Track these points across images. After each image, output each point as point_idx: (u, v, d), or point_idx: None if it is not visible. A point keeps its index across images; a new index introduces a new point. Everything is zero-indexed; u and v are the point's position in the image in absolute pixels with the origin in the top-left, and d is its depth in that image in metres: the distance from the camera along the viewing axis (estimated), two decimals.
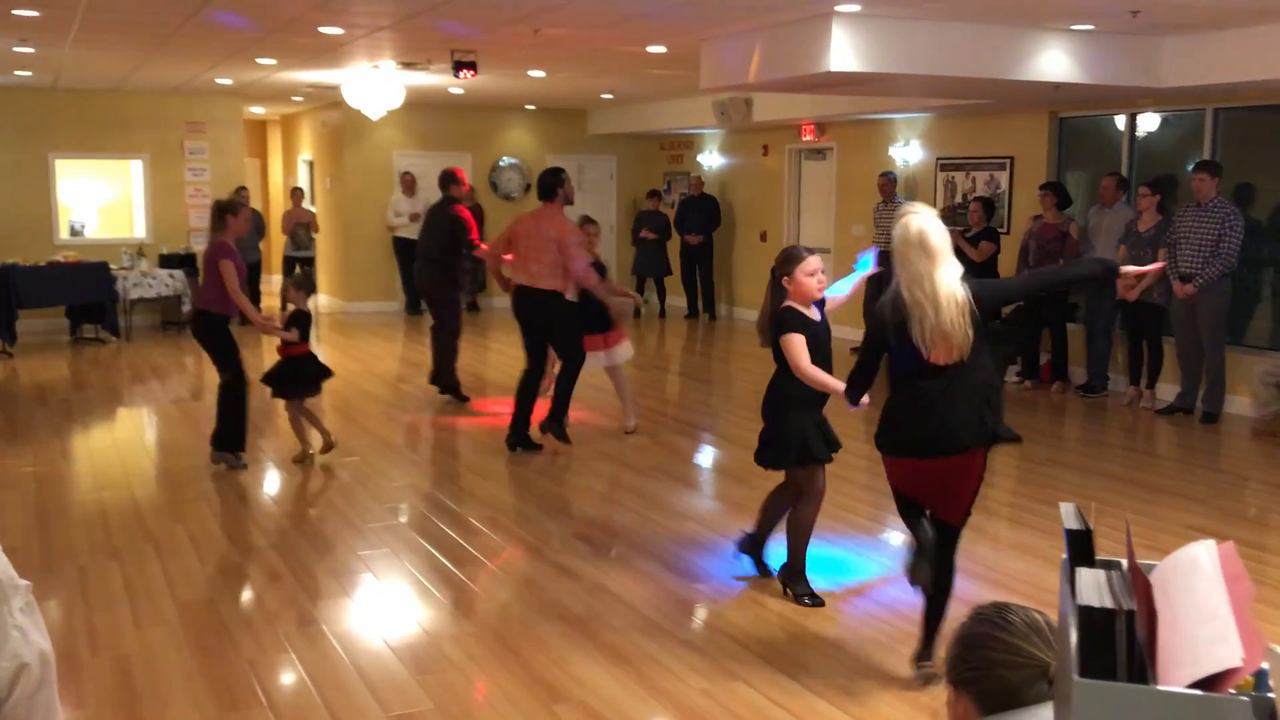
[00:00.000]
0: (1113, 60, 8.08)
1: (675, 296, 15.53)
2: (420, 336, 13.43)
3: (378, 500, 6.55)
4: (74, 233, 14.28)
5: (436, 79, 11.55)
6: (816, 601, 4.89)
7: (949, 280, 3.80)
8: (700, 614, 4.90)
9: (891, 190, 11.93)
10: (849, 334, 9.53)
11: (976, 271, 10.38)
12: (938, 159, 11.89)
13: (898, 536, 5.78)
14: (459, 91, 13.30)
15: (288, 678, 4.17)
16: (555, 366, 7.69)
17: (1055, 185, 10.06)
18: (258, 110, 17.30)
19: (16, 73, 11.89)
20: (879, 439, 4.07)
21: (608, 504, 6.50)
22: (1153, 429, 8.76)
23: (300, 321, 7.23)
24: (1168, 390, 9.21)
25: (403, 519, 6.23)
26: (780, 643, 4.51)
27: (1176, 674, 0.87)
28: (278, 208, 17.84)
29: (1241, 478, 7.37)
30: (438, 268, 9.13)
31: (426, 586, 5.15)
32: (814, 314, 4.79)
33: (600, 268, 7.90)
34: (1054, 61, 7.92)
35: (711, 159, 15.53)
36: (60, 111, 13.74)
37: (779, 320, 4.71)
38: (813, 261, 4.75)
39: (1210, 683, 0.90)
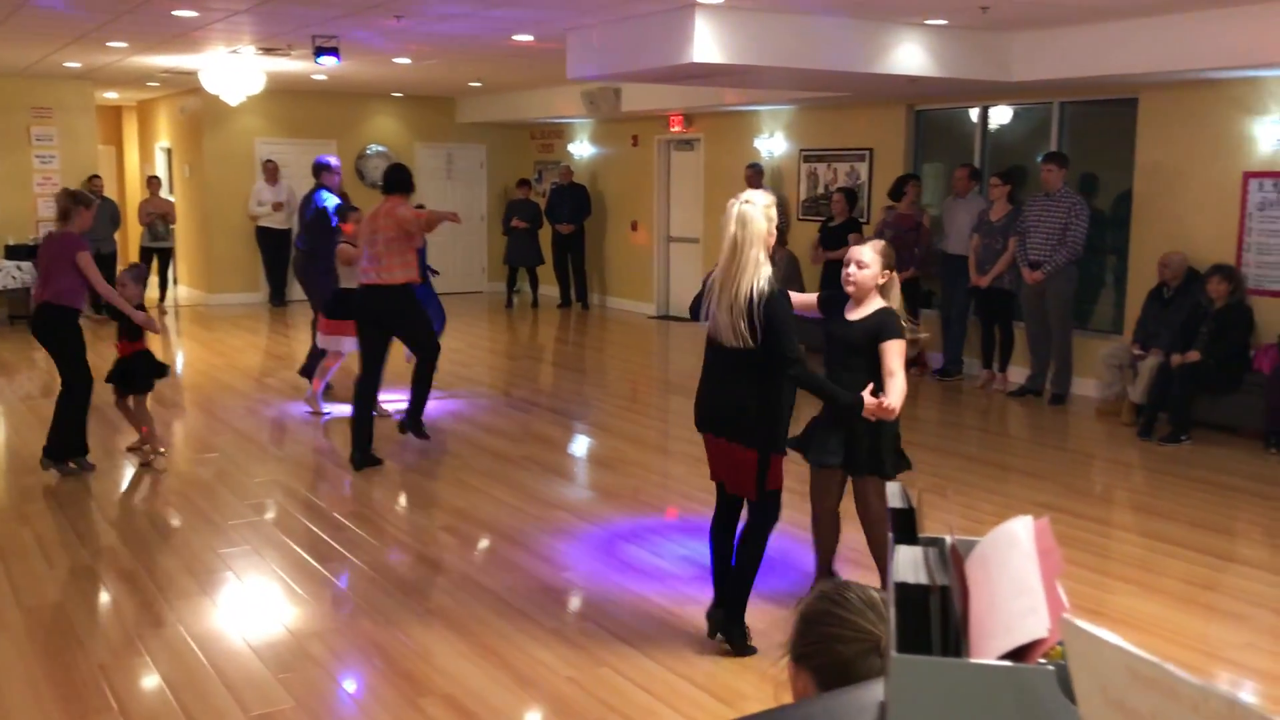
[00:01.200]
0: (965, 55, 8.36)
1: (548, 286, 15.51)
2: (284, 329, 13.13)
3: (239, 497, 6.40)
4: None
5: (299, 65, 11.29)
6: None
7: (746, 272, 3.98)
8: (569, 603, 4.92)
9: (758, 181, 12.11)
10: None
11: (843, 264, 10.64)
12: (801, 150, 12.13)
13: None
14: (323, 78, 13.01)
15: (141, 681, 4.06)
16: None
17: (909, 177, 10.35)
18: (111, 95, 16.64)
19: None
20: None
21: (475, 495, 6.46)
22: (1005, 410, 9.11)
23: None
24: (1019, 373, 9.59)
25: (265, 515, 6.09)
26: (649, 630, 4.57)
27: (989, 646, 0.92)
28: (134, 197, 17.20)
29: (1087, 456, 7.73)
30: (309, 257, 8.97)
31: (289, 583, 5.05)
32: (849, 311, 4.55)
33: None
34: (910, 55, 8.15)
35: (582, 148, 15.54)
36: None
37: None
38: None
39: (1021, 653, 0.95)
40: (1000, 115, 10.35)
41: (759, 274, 4.00)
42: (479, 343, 12.41)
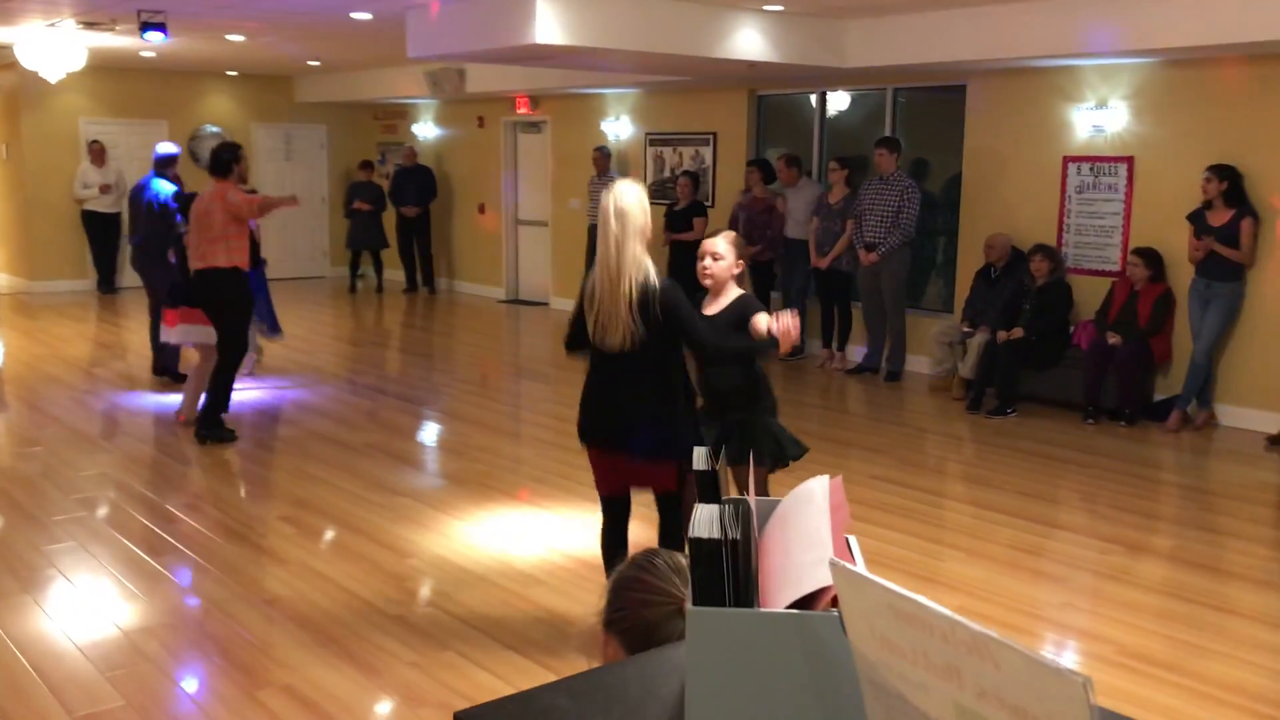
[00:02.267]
0: (802, 41, 8.54)
1: (392, 270, 15.25)
2: (114, 317, 12.58)
3: (64, 492, 6.12)
4: None
5: (125, 41, 10.79)
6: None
7: (629, 270, 3.82)
8: (412, 590, 4.87)
9: (606, 164, 12.16)
10: None
11: (690, 246, 10.75)
12: (647, 134, 12.22)
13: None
14: (151, 55, 12.47)
15: None
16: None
17: (761, 161, 10.55)
18: None
19: None
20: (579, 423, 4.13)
21: (316, 484, 6.33)
22: (844, 387, 9.39)
23: None
24: (857, 352, 9.89)
25: (93, 510, 5.84)
26: (496, 614, 4.56)
27: (781, 597, 0.95)
28: None
29: (920, 430, 8.03)
30: (145, 250, 8.73)
31: (119, 579, 4.86)
32: (708, 307, 4.44)
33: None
34: (748, 40, 8.29)
35: (426, 129, 15.30)
36: None
37: None
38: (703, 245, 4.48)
39: (810, 602, 0.99)
40: (838, 101, 10.62)
41: (643, 269, 3.86)
42: (321, 329, 12.12)
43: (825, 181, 10.08)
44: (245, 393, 8.28)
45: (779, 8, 8.09)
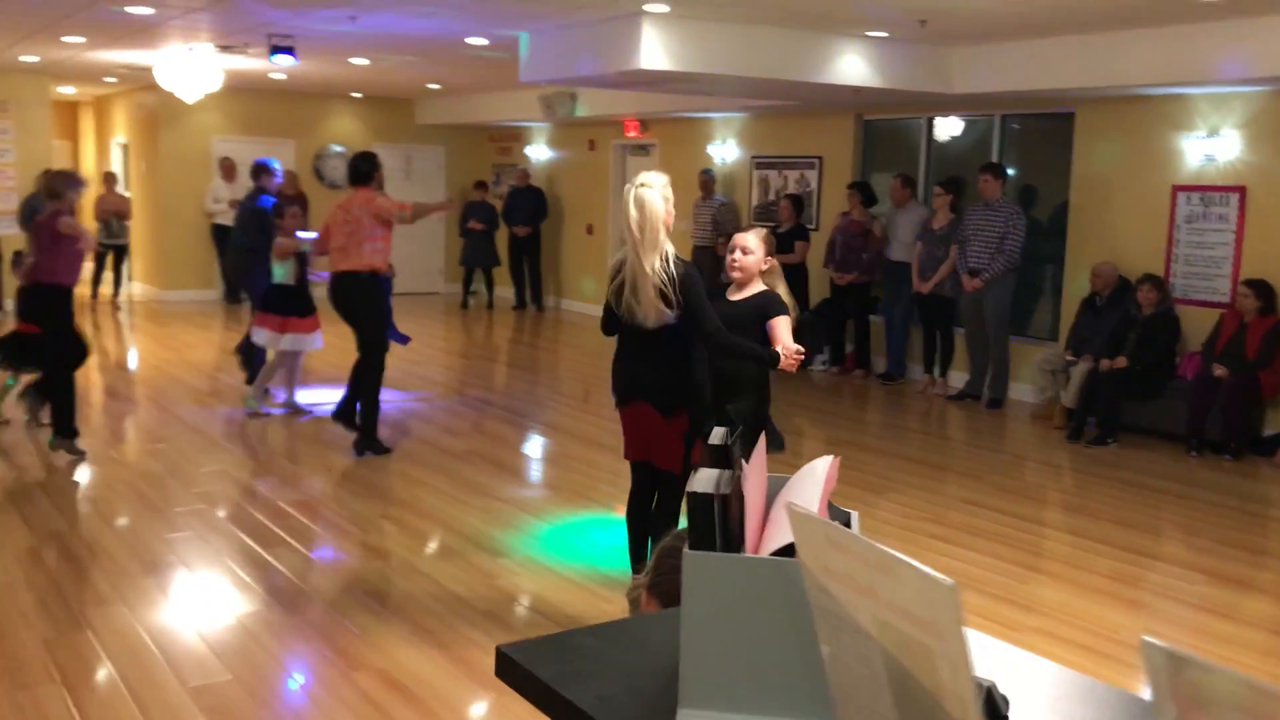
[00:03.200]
0: (907, 67, 8.61)
1: (503, 288, 15.65)
2: (238, 325, 13.18)
3: (186, 486, 6.51)
4: None
5: (257, 64, 11.38)
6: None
7: (651, 254, 4.17)
8: (504, 587, 5.07)
9: (711, 187, 12.35)
10: None
11: (790, 269, 10.89)
12: (753, 157, 12.37)
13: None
14: (281, 77, 13.10)
15: (84, 655, 4.18)
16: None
17: (861, 185, 10.62)
18: (68, 90, 16.61)
19: None
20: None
21: (419, 486, 6.61)
22: (944, 413, 9.37)
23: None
24: (959, 378, 9.86)
25: (211, 504, 6.21)
26: (579, 613, 4.73)
27: (768, 546, 1.10)
28: (90, 193, 17.14)
29: (1019, 457, 7.98)
30: (248, 258, 9.12)
31: (231, 566, 5.18)
32: (731, 294, 4.72)
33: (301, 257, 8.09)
34: (853, 66, 8.39)
35: (539, 152, 15.70)
36: None
37: None
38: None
39: (791, 551, 1.12)
40: (945, 126, 10.63)
41: (665, 253, 4.21)
42: (433, 342, 12.53)
43: (929, 206, 10.10)
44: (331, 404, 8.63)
45: (883, 34, 8.18)
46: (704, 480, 1.16)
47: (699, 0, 7.03)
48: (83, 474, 6.82)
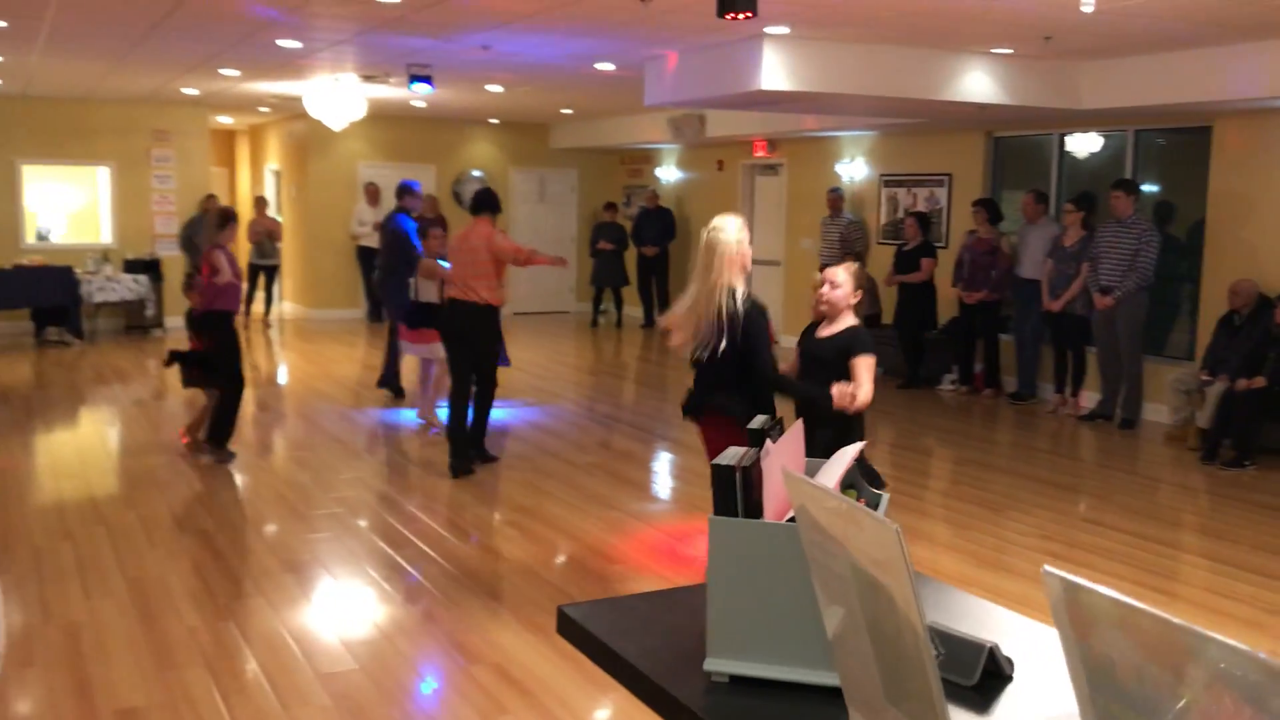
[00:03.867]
0: (1033, 83, 8.53)
1: (632, 307, 15.92)
2: (380, 343, 13.74)
3: (325, 491, 6.88)
4: (40, 238, 14.52)
5: (398, 92, 11.91)
6: None
7: (716, 294, 4.36)
8: (618, 592, 5.24)
9: (839, 205, 12.38)
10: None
11: (918, 287, 10.84)
12: (881, 175, 12.35)
13: None
14: (421, 105, 13.65)
15: (226, 642, 4.50)
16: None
17: (986, 201, 10.52)
18: (225, 120, 17.59)
19: None
20: None
21: (542, 495, 6.84)
22: (1075, 434, 9.19)
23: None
24: (1091, 398, 9.66)
25: (348, 508, 6.55)
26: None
27: (786, 515, 1.23)
28: (244, 216, 18.10)
29: (1150, 479, 7.79)
30: (388, 273, 9.55)
31: (362, 566, 5.48)
32: (821, 329, 4.75)
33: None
34: (977, 83, 8.36)
35: (669, 173, 15.95)
36: (28, 118, 13.99)
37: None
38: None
39: None
40: (1078, 142, 10.45)
41: (731, 295, 4.38)
42: (564, 359, 12.84)
43: (1061, 223, 9.94)
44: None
45: (1009, 50, 8.14)
46: (729, 455, 1.30)
47: (820, 21, 7.13)
48: (234, 479, 7.27)
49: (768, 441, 1.34)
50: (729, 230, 4.44)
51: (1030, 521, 6.49)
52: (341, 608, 4.93)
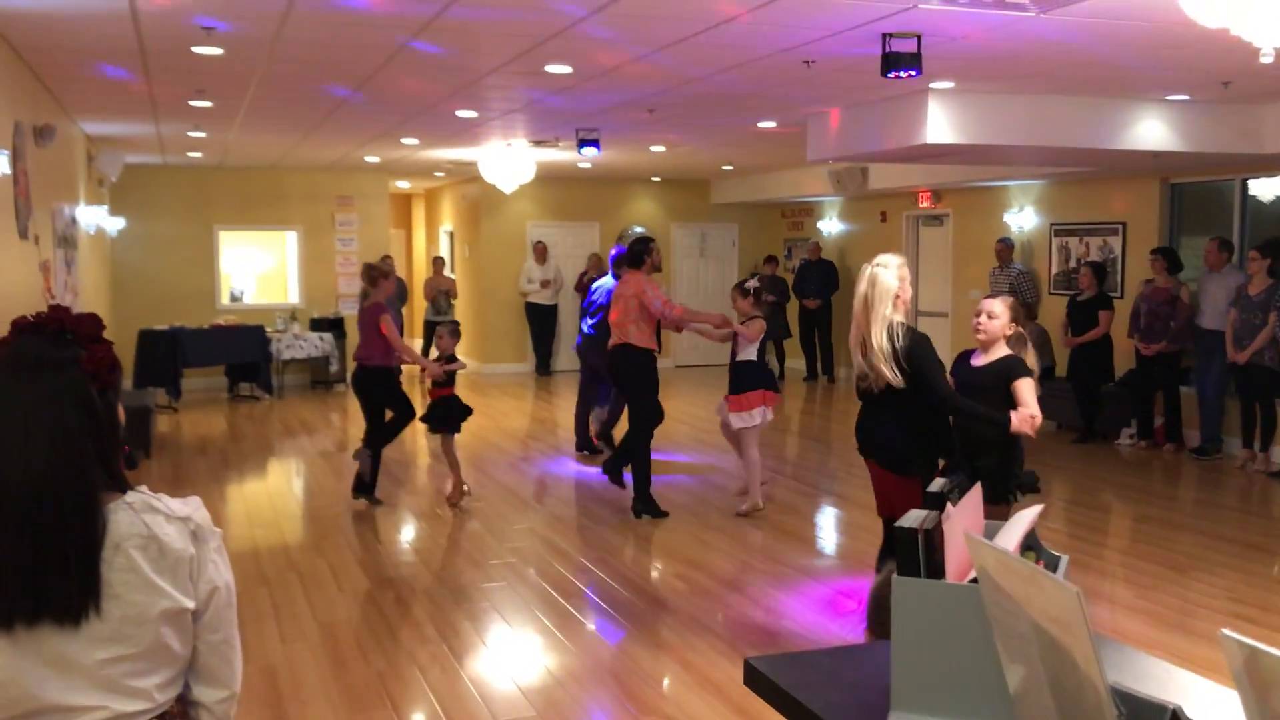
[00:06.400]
0: (1211, 128, 8.27)
1: (794, 359, 15.90)
2: (548, 396, 14.12)
3: (499, 541, 7.12)
4: (233, 298, 15.49)
5: (565, 154, 12.32)
6: None
7: (877, 326, 4.53)
8: (785, 645, 5.26)
9: (1009, 255, 12.16)
10: None
11: (1096, 340, 10.50)
12: (1051, 224, 12.09)
13: None
14: (587, 165, 14.06)
15: (411, 687, 4.72)
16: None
17: (1165, 250, 10.18)
18: (403, 184, 18.46)
19: (189, 154, 13.13)
20: None
21: (708, 550, 6.92)
22: (1266, 491, 8.76)
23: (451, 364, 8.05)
24: None
25: (522, 558, 6.77)
26: None
27: (969, 576, 1.28)
28: (420, 275, 18.91)
29: None
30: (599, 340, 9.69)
31: (536, 614, 5.66)
32: (976, 359, 5.01)
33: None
34: (1151, 130, 8.16)
35: (831, 225, 15.95)
36: (224, 187, 15.01)
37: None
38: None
39: None
40: (1262, 186, 10.04)
41: (891, 326, 4.53)
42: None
43: (1245, 271, 9.54)
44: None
45: (1185, 97, 7.92)
46: (911, 518, 1.37)
47: (986, 75, 7.11)
48: (410, 528, 7.60)
49: (948, 505, 1.41)
50: (891, 267, 4.62)
51: (1218, 583, 6.22)
52: (518, 657, 5.10)
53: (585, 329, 9.88)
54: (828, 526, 7.93)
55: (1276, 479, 8.97)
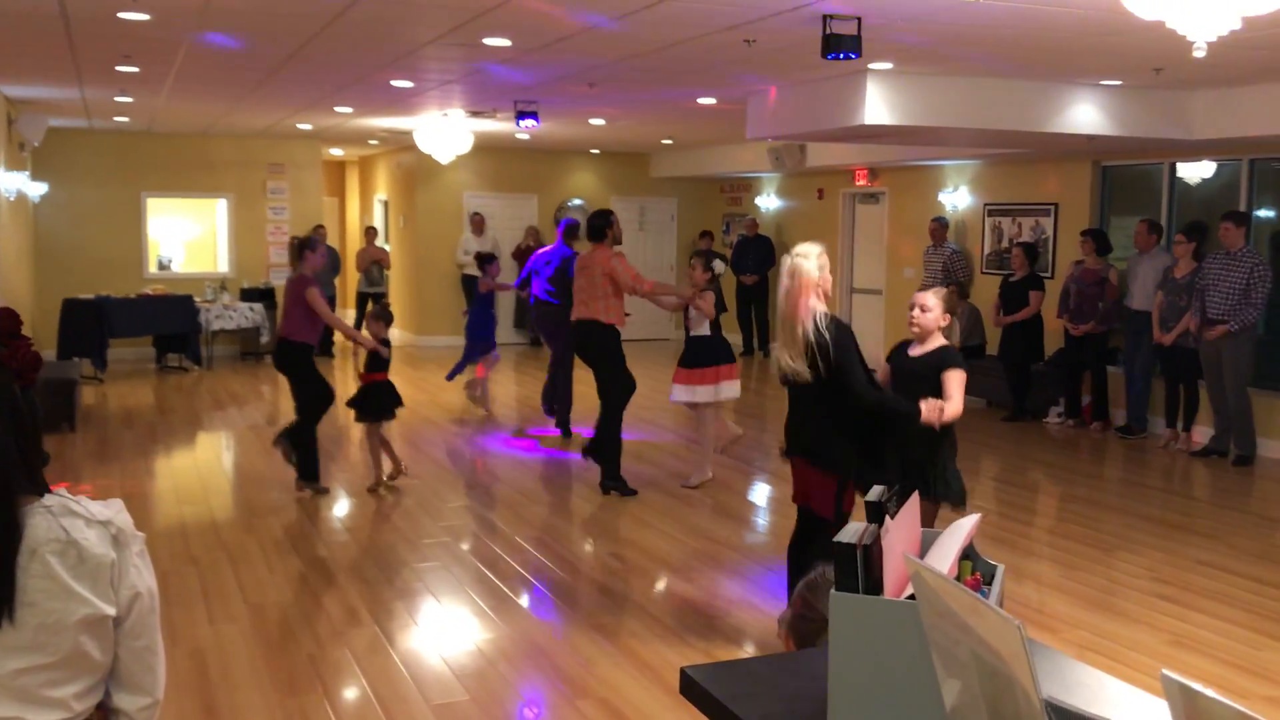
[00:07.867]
0: (1143, 113, 8.40)
1: (730, 334, 15.94)
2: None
3: (434, 520, 7.06)
4: (161, 267, 15.16)
5: (503, 125, 12.18)
6: None
7: (798, 317, 4.48)
8: (718, 627, 5.28)
9: (942, 235, 12.27)
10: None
11: (1026, 319, 10.66)
12: (985, 205, 12.22)
13: None
14: (525, 137, 13.93)
15: (342, 669, 4.66)
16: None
17: (1095, 232, 10.35)
18: (337, 152, 18.15)
19: (115, 118, 12.78)
20: None
21: (645, 529, 6.93)
22: (1188, 470, 8.97)
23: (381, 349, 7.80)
24: (1205, 433, 9.41)
25: (456, 537, 6.72)
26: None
27: (907, 591, 1.28)
28: (354, 245, 18.64)
29: (1264, 518, 7.56)
30: (562, 310, 9.60)
31: (470, 595, 5.62)
32: (913, 349, 5.06)
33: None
34: (1085, 114, 8.26)
35: (769, 201, 15.99)
36: (153, 153, 14.64)
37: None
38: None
39: None
40: (1190, 170, 10.22)
41: (813, 318, 4.50)
42: (663, 389, 12.90)
43: (1171, 254, 9.73)
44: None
45: (1117, 81, 8.03)
46: (850, 532, 1.36)
47: (924, 57, 7.14)
48: (343, 506, 7.50)
49: (887, 519, 1.40)
50: (811, 257, 4.60)
51: (1142, 562, 6.37)
52: (452, 637, 5.06)
53: (540, 294, 9.72)
54: (763, 505, 7.98)
55: (1199, 458, 9.19)
